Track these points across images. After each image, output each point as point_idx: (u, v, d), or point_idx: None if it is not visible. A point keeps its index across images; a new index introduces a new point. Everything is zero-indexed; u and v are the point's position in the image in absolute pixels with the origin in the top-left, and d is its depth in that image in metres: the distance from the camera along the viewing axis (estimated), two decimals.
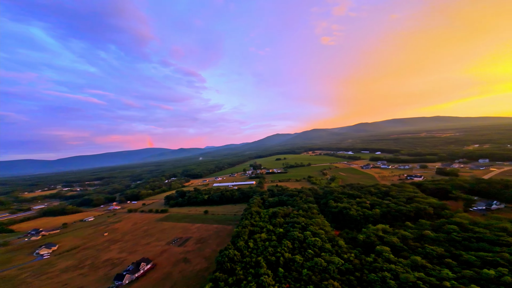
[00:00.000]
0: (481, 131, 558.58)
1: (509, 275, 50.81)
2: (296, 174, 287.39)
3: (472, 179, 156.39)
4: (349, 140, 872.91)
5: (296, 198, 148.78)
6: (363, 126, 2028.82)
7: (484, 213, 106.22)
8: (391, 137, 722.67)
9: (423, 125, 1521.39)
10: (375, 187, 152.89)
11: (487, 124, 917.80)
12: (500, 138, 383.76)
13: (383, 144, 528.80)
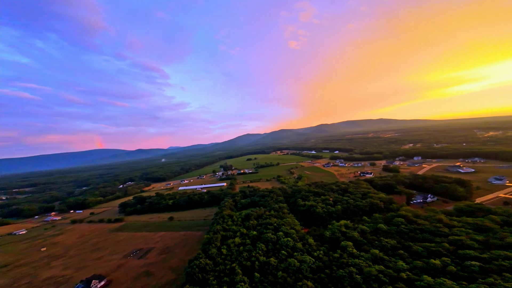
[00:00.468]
0: (414, 132, 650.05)
1: (452, 264, 58.99)
2: (266, 174, 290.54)
3: (410, 175, 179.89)
4: (312, 140, 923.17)
5: (267, 198, 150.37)
6: (323, 127, 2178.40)
7: (422, 206, 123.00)
8: (346, 137, 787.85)
9: (370, 126, 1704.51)
10: (336, 185, 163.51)
11: (418, 125, 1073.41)
12: (428, 138, 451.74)
13: (340, 144, 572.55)
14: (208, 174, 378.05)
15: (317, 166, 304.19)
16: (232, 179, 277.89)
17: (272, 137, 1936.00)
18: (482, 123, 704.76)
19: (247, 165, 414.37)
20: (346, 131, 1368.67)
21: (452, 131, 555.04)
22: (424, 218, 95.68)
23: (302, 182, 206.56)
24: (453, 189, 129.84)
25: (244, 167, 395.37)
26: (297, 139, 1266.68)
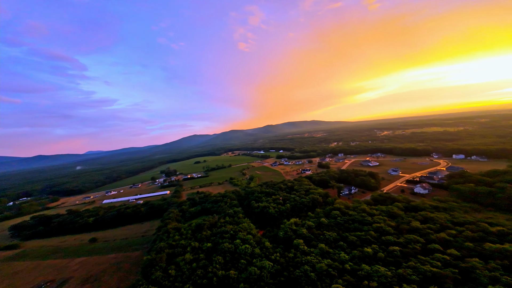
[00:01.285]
0: (337, 132, 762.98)
1: (380, 251, 69.20)
2: (218, 176, 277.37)
3: (338, 170, 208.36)
4: (260, 140, 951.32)
5: (221, 204, 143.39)
6: (269, 128, 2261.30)
7: (348, 197, 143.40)
8: (288, 137, 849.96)
9: (306, 127, 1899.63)
10: (283, 183, 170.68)
11: (339, 126, 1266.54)
12: (346, 137, 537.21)
13: (284, 143, 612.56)
14: (146, 182, 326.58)
15: (266, 165, 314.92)
16: (177, 185, 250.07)
17: (222, 138, 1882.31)
18: (379, 124, 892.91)
19: (195, 169, 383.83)
20: (288, 132, 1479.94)
21: (361, 131, 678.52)
22: (352, 209, 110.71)
23: (254, 182, 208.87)
24: (368, 181, 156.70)
25: (191, 171, 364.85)
26: (247, 139, 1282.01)
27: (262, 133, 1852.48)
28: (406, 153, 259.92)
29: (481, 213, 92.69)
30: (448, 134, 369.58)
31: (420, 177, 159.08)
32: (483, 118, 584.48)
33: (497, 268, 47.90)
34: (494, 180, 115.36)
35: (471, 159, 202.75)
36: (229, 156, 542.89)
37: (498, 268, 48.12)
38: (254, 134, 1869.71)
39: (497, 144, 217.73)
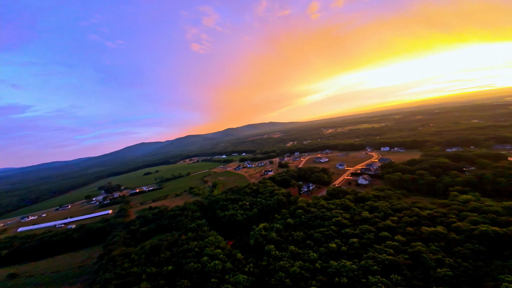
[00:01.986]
0: (291, 132, 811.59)
1: (342, 244, 72.53)
2: (175, 187, 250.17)
3: (296, 168, 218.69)
4: (222, 144, 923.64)
5: (181, 218, 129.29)
6: (230, 131, 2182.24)
7: (308, 194, 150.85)
8: (249, 139, 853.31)
9: (264, 128, 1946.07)
10: (249, 187, 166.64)
11: (293, 127, 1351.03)
12: (300, 137, 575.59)
13: (245, 146, 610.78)
14: (78, 201, 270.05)
15: (229, 170, 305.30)
16: (122, 202, 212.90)
17: (178, 144, 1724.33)
18: (324, 123, 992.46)
19: (145, 181, 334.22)
20: (249, 134, 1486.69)
21: (311, 130, 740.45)
22: (313, 206, 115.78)
23: (217, 190, 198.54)
24: (322, 177, 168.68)
25: (140, 184, 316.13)
26: (207, 144, 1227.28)
27: (223, 137, 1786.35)
28: (348, 148, 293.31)
29: (410, 198, 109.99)
30: (375, 129, 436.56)
31: (361, 169, 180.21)
32: (397, 115, 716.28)
33: (438, 251, 55.67)
34: (414, 168, 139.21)
35: (394, 150, 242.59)
36: (187, 164, 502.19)
37: (439, 250, 56.00)
38: (215, 138, 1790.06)
39: (410, 137, 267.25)
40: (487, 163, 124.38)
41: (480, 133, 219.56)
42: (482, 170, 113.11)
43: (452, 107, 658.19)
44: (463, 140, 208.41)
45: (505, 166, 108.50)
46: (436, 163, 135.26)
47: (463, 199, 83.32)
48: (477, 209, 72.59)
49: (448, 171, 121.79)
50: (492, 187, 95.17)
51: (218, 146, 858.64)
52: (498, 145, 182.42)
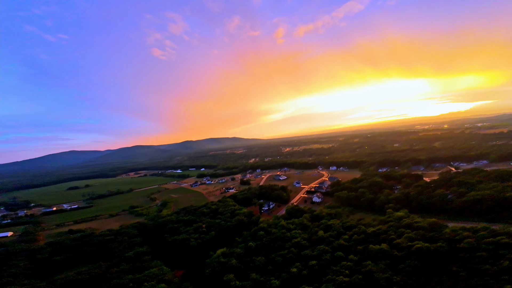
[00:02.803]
0: (254, 148, 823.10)
1: (303, 268, 68.85)
2: (110, 206, 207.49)
3: (257, 186, 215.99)
4: (178, 158, 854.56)
5: (114, 244, 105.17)
6: (188, 144, 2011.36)
7: (268, 213, 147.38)
8: (210, 153, 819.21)
9: (227, 143, 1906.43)
10: (206, 207, 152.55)
11: (256, 143, 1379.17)
12: (262, 153, 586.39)
13: (205, 160, 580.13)
14: None
15: (185, 186, 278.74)
16: (29, 223, 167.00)
17: (121, 154, 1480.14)
18: (283, 142, 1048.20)
19: (69, 198, 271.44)
20: (210, 148, 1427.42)
21: (271, 147, 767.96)
22: (274, 226, 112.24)
23: (167, 209, 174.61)
24: (281, 195, 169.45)
25: (61, 200, 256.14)
26: (160, 157, 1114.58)
27: (180, 150, 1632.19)
28: (303, 166, 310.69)
29: (355, 215, 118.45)
30: (324, 150, 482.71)
31: (315, 187, 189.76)
32: (341, 137, 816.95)
33: (386, 269, 57.60)
34: (357, 186, 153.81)
35: (340, 169, 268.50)
36: (131, 178, 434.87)
37: (386, 268, 58.06)
38: (170, 150, 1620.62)
39: (351, 157, 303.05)
40: (410, 182, 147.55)
41: (401, 156, 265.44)
42: (407, 189, 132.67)
43: (379, 133, 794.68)
44: (390, 162, 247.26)
45: (423, 185, 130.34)
46: (373, 182, 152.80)
47: (397, 216, 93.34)
48: (410, 225, 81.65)
49: (382, 190, 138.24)
50: (416, 204, 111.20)
51: (173, 160, 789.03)
52: (414, 166, 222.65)
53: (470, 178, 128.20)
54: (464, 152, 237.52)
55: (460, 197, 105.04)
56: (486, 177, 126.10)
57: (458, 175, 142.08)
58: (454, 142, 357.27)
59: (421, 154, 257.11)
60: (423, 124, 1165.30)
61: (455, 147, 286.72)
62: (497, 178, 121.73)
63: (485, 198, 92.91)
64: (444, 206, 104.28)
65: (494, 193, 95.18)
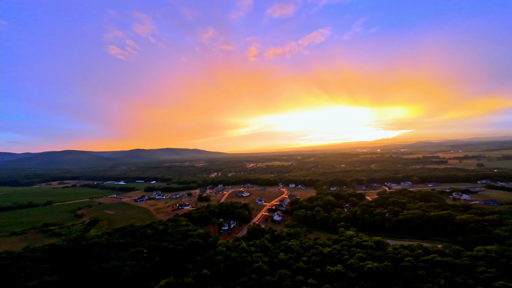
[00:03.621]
0: (217, 162, 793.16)
1: None
2: (15, 221, 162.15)
3: (217, 203, 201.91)
4: (123, 167, 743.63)
5: (11, 270, 77.37)
6: (139, 153, 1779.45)
7: (228, 233, 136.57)
8: (165, 165, 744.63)
9: (187, 155, 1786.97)
10: (151, 227, 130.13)
11: (219, 157, 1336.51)
12: (225, 168, 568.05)
13: (158, 172, 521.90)
14: None
15: (127, 201, 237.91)
16: None
17: (45, 160, 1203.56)
18: (247, 157, 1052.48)
19: None
20: (166, 159, 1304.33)
21: (235, 162, 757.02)
22: (233, 249, 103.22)
23: (97, 229, 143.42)
24: (243, 213, 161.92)
25: None
26: (99, 165, 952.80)
27: (128, 158, 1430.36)
28: (265, 183, 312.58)
29: (312, 234, 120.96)
30: (284, 167, 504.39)
31: (275, 205, 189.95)
32: (298, 156, 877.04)
33: None
34: (313, 204, 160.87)
35: (298, 187, 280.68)
36: (52, 188, 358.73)
37: None
38: (114, 158, 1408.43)
39: (308, 176, 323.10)
40: (356, 201, 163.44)
41: (348, 176, 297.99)
42: (354, 208, 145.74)
43: (330, 153, 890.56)
44: (339, 181, 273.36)
45: (366, 204, 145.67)
46: (326, 201, 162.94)
47: (348, 235, 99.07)
48: (359, 244, 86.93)
49: (334, 208, 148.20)
50: (361, 222, 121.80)
51: (117, 169, 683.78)
52: (358, 185, 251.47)
53: (401, 198, 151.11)
54: (394, 174, 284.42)
55: (395, 215, 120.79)
56: (412, 197, 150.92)
57: (392, 195, 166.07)
58: (386, 165, 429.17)
59: (363, 175, 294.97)
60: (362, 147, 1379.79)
61: (387, 169, 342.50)
62: (421, 198, 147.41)
63: (414, 217, 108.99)
64: (384, 224, 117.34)
65: (421, 212, 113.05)
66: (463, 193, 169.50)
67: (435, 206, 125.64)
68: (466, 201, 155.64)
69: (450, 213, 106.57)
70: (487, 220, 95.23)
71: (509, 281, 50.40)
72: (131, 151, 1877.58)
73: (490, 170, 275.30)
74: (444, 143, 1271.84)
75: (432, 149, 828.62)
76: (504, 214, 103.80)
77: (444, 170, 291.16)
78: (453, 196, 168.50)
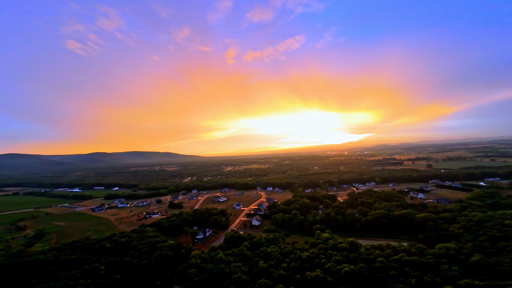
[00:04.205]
0: (191, 166, 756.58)
1: None
2: None
3: (192, 211, 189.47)
4: (78, 173, 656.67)
5: None
6: (100, 156, 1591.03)
7: (203, 242, 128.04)
8: (130, 169, 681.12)
9: (157, 159, 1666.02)
10: (111, 240, 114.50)
11: (194, 160, 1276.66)
12: (200, 172, 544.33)
13: (122, 177, 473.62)
14: None
15: (82, 211, 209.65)
16: None
17: None
18: (225, 160, 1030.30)
19: None
20: (132, 163, 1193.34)
21: (212, 166, 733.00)
22: (210, 260, 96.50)
23: (44, 243, 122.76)
24: (220, 220, 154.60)
25: None
26: (49, 170, 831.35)
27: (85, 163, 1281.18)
28: (243, 187, 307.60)
29: (290, 238, 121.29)
30: (262, 170, 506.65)
31: (254, 209, 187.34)
32: (275, 159, 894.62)
33: None
34: (290, 208, 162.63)
35: (275, 190, 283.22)
36: None
37: None
38: (67, 163, 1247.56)
39: (284, 179, 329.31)
40: (329, 203, 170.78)
41: (320, 178, 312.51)
42: (328, 209, 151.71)
43: (304, 156, 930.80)
44: (313, 183, 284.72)
45: (338, 206, 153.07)
46: (302, 204, 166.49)
47: (324, 237, 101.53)
48: (335, 246, 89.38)
49: (310, 210, 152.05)
50: (335, 223, 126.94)
51: (71, 175, 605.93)
52: (330, 187, 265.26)
53: (368, 198, 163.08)
54: (360, 176, 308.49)
55: (364, 215, 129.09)
56: (378, 197, 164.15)
57: (360, 196, 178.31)
58: (353, 166, 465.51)
59: (333, 177, 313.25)
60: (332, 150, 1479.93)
61: (354, 171, 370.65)
62: (385, 198, 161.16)
63: (381, 217, 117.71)
64: (355, 224, 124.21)
65: (386, 212, 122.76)
66: (418, 192, 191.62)
67: (397, 206, 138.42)
68: (421, 199, 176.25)
69: (410, 212, 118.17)
70: (442, 218, 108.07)
71: (472, 279, 56.39)
72: (90, 154, 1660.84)
73: (438, 170, 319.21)
74: (399, 145, 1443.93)
75: (390, 151, 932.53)
76: (455, 212, 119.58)
77: (401, 171, 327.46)
78: (410, 195, 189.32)
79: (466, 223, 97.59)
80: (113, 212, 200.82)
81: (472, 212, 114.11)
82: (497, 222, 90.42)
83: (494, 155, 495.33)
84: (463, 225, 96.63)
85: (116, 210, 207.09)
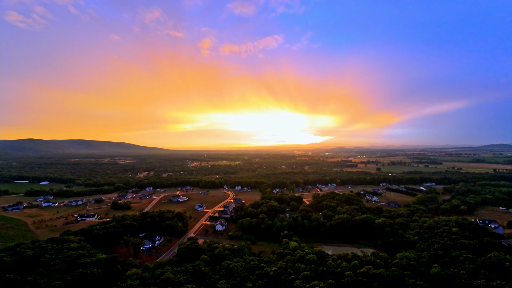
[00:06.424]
0: (149, 159, 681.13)
1: None
2: None
3: (139, 214, 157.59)
4: None
5: None
6: (32, 143, 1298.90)
7: (150, 253, 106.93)
8: (70, 160, 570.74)
9: (109, 150, 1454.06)
10: (14, 252, 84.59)
11: (153, 153, 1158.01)
12: (159, 166, 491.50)
13: (57, 170, 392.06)
14: None
15: None
16: None
17: None
18: (190, 155, 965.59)
19: None
20: (74, 153, 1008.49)
21: (175, 160, 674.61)
22: (153, 281, 77.42)
23: None
24: (175, 225, 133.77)
25: None
26: None
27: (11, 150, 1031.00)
28: (208, 185, 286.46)
29: (256, 246, 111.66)
30: (231, 167, 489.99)
31: (219, 211, 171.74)
32: (246, 156, 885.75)
33: None
34: (258, 211, 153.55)
35: (244, 189, 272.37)
36: None
37: None
38: None
39: (253, 177, 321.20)
40: (296, 205, 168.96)
41: (287, 178, 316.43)
42: (295, 213, 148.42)
43: (272, 154, 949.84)
44: (281, 183, 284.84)
45: (305, 209, 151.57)
46: (270, 206, 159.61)
47: (292, 247, 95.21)
48: (303, 258, 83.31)
49: (278, 214, 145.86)
50: (301, 229, 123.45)
51: None
52: (296, 188, 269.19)
53: (331, 201, 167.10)
54: (322, 177, 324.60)
55: (329, 219, 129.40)
56: (339, 200, 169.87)
57: (324, 198, 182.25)
58: (316, 166, 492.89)
59: (299, 177, 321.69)
60: (298, 150, 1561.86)
61: (317, 172, 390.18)
62: (346, 201, 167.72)
63: (344, 222, 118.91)
64: (320, 229, 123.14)
65: (348, 216, 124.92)
66: (373, 195, 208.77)
67: (357, 210, 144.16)
68: (376, 202, 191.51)
69: (369, 217, 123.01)
70: (397, 223, 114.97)
71: None
72: (18, 141, 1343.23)
73: (386, 174, 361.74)
74: (354, 149, 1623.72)
75: (346, 154, 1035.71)
76: (406, 217, 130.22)
77: (357, 174, 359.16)
78: (366, 198, 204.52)
79: (419, 230, 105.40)
80: (33, 212, 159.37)
81: (421, 218, 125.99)
82: (445, 229, 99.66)
83: (426, 161, 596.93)
84: (416, 232, 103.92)
85: (38, 210, 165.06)
